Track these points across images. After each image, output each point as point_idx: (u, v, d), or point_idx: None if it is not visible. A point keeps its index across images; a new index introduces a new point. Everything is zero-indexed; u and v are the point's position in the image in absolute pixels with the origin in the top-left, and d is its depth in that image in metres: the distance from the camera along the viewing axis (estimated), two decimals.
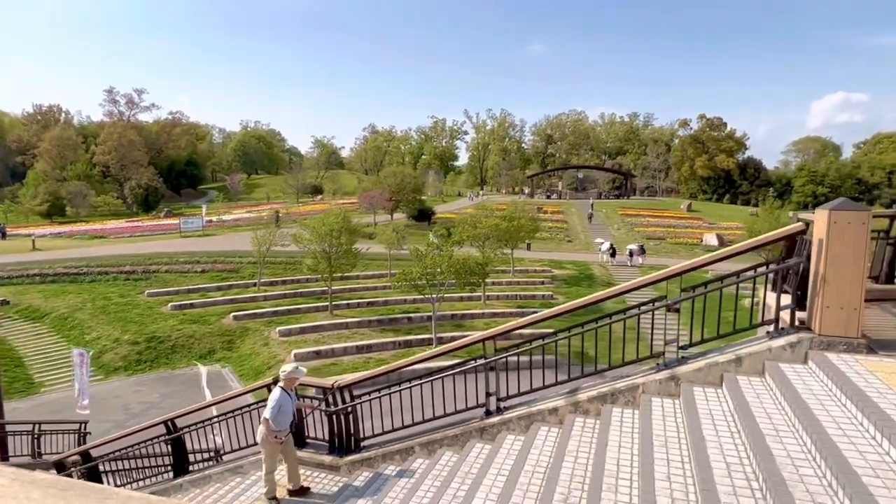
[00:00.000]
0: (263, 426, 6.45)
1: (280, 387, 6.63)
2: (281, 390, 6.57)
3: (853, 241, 4.89)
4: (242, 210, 65.23)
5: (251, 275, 32.16)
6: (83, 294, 28.67)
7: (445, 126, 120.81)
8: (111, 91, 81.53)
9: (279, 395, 6.52)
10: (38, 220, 61.24)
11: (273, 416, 6.39)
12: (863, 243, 4.89)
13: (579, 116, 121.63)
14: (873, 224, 6.72)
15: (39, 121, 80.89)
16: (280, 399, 6.49)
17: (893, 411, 3.74)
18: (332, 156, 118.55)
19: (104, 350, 23.19)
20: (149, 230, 50.33)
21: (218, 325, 25.81)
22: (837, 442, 3.61)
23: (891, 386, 4.18)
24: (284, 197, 79.76)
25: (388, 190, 50.03)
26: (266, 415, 6.44)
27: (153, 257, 35.34)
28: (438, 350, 7.09)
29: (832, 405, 4.16)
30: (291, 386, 6.71)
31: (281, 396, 6.51)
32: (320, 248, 25.56)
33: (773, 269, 5.44)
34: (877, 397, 4.00)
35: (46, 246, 42.07)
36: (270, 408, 6.44)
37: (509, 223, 28.77)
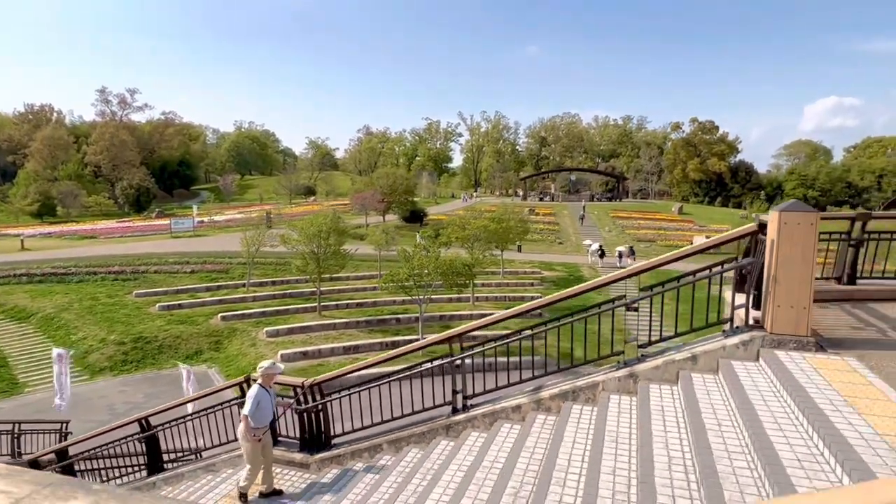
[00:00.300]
0: (242, 423, 6.46)
1: (258, 384, 6.66)
2: (259, 387, 6.59)
3: (802, 241, 4.99)
4: (235, 211, 65.10)
5: (241, 275, 32.10)
6: (70, 294, 28.54)
7: (440, 128, 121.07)
8: (103, 91, 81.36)
9: (257, 391, 6.54)
10: (29, 220, 60.89)
11: (251, 413, 6.41)
12: (811, 244, 4.99)
13: (573, 119, 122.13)
14: (841, 226, 6.86)
15: (31, 120, 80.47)
16: (258, 395, 6.51)
17: (827, 406, 3.85)
18: (325, 157, 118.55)
19: (90, 350, 23.10)
20: (139, 231, 50.15)
21: (206, 326, 25.75)
22: (772, 436, 3.71)
23: (830, 382, 4.29)
24: (277, 198, 79.63)
25: (380, 191, 50.10)
26: (245, 411, 6.45)
27: (142, 258, 35.23)
28: (402, 350, 7.15)
29: (774, 401, 4.27)
30: (269, 382, 6.73)
31: (259, 393, 6.53)
32: (308, 249, 25.56)
33: (727, 268, 5.55)
34: (815, 393, 4.10)
35: (35, 246, 41.87)
36: (249, 404, 6.46)
37: (497, 225, 28.89)
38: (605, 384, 5.83)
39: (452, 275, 21.98)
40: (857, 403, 3.89)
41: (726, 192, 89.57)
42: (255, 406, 6.44)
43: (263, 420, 6.55)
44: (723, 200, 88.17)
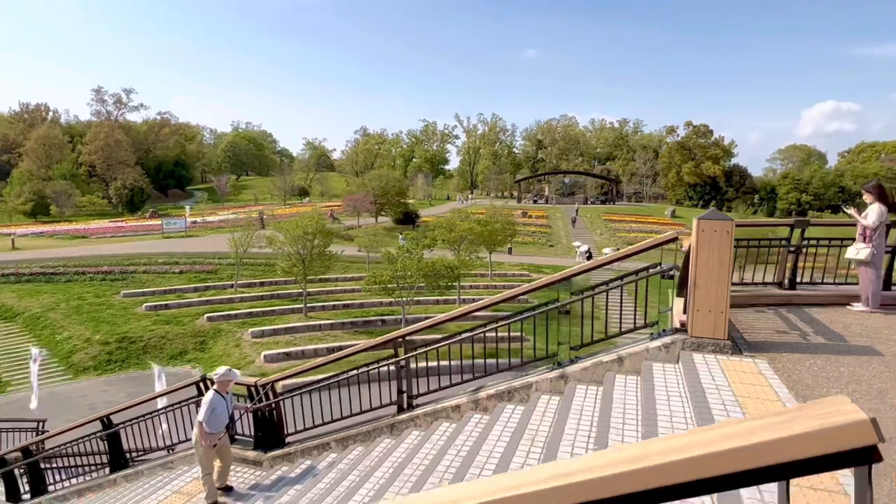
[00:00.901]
0: (196, 429, 6.59)
1: (214, 389, 6.80)
2: (214, 393, 6.73)
3: (718, 248, 5.20)
4: (228, 211, 65.16)
5: (229, 276, 32.25)
6: (58, 294, 28.67)
7: (436, 130, 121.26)
8: (99, 91, 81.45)
9: (212, 397, 6.67)
10: (22, 219, 60.96)
11: (205, 419, 6.54)
12: (727, 251, 5.20)
13: (570, 122, 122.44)
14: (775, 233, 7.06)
15: (26, 119, 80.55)
16: (213, 401, 6.64)
17: (717, 405, 4.05)
18: (322, 158, 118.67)
19: (74, 350, 23.24)
20: (131, 231, 50.27)
21: (191, 326, 25.90)
22: (661, 433, 3.90)
23: (731, 383, 4.49)
24: (272, 199, 79.80)
25: (372, 193, 50.28)
26: (199, 418, 6.59)
27: (132, 258, 35.37)
28: (345, 352, 7.35)
29: (676, 401, 4.46)
30: (225, 388, 6.87)
31: (214, 399, 6.66)
32: (294, 251, 25.72)
33: (651, 272, 5.74)
34: (712, 393, 4.30)
35: (26, 245, 41.96)
36: (203, 411, 6.59)
37: (483, 227, 29.09)
38: (538, 385, 6.02)
39: (435, 277, 22.16)
40: (746, 403, 4.09)
41: (720, 195, 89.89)
42: (209, 412, 6.57)
43: (219, 425, 6.68)
44: (717, 204, 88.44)
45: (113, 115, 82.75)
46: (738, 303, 7.24)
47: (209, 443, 6.46)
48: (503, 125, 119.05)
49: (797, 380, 4.59)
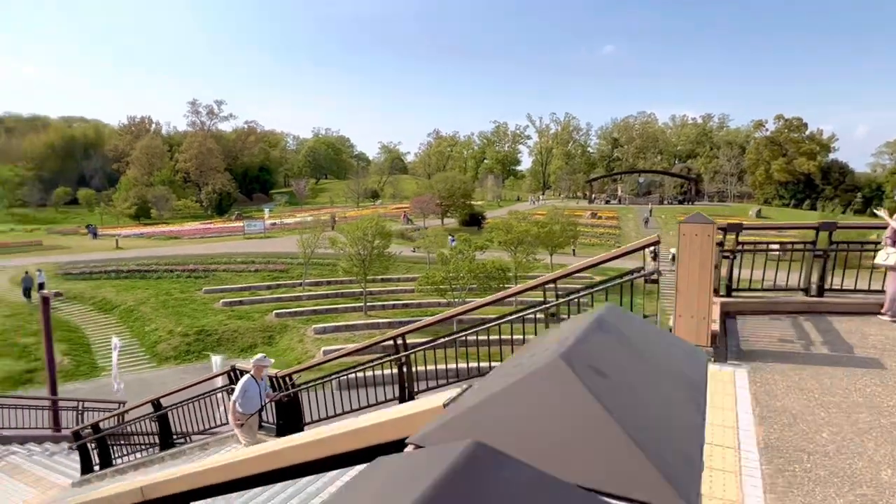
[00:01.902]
0: (230, 408, 7.34)
1: (250, 374, 7.51)
2: (249, 377, 7.45)
3: (700, 252, 5.08)
4: (305, 214, 68.61)
5: (299, 275, 34.07)
6: (149, 289, 31.63)
7: (508, 130, 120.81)
8: (194, 103, 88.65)
9: (245, 381, 7.39)
10: (128, 221, 67.57)
11: (237, 400, 7.25)
12: (709, 255, 5.07)
13: (648, 119, 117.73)
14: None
15: (132, 131, 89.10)
16: (245, 385, 7.35)
17: None
18: (395, 161, 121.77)
19: (159, 340, 25.61)
20: (217, 232, 54.30)
21: (261, 322, 27.68)
22: None
23: None
24: (346, 201, 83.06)
25: (439, 195, 51.10)
26: (232, 398, 7.33)
27: (215, 257, 38.23)
28: (358, 346, 7.74)
29: None
30: (259, 374, 7.56)
31: (246, 383, 7.38)
32: (354, 251, 26.79)
33: (634, 277, 5.67)
34: None
35: (128, 245, 46.53)
36: (236, 392, 7.33)
37: (541, 229, 28.82)
38: None
39: (487, 278, 22.30)
40: None
41: (816, 194, 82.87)
42: (241, 394, 7.26)
43: (251, 407, 7.34)
44: (811, 203, 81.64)
45: (206, 125, 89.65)
46: (754, 309, 6.96)
47: (236, 420, 7.13)
48: (577, 124, 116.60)
49: (768, 391, 4.42)
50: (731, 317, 6.70)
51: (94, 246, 47.37)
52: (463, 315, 7.46)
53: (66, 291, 31.25)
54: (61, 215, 76.88)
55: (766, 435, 3.64)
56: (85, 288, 32.02)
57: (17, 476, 11.76)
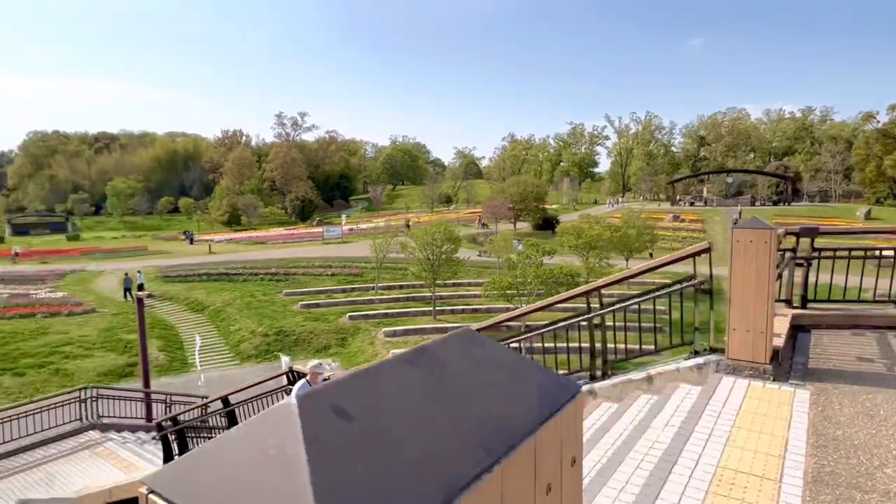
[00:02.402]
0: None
1: (305, 380, 7.80)
2: (304, 382, 7.73)
3: (755, 260, 4.67)
4: (381, 219, 70.56)
5: (372, 279, 35.04)
6: (235, 291, 33.77)
7: (584, 132, 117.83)
8: (280, 115, 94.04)
9: (300, 385, 7.67)
10: (221, 227, 72.70)
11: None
12: (766, 264, 4.64)
13: (739, 114, 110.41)
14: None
15: (226, 144, 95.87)
16: (300, 390, 7.65)
17: (701, 433, 3.69)
18: (470, 166, 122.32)
19: (242, 340, 27.26)
20: (299, 237, 57.06)
21: (335, 324, 28.71)
22: (625, 462, 3.67)
23: (743, 412, 4.03)
24: (421, 206, 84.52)
25: (510, 199, 50.70)
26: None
27: (295, 261, 40.16)
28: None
29: (668, 428, 4.12)
30: (315, 380, 7.80)
31: (301, 387, 7.66)
32: (423, 256, 27.14)
33: (683, 286, 5.28)
34: (707, 420, 3.92)
35: (219, 250, 50.02)
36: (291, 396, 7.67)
37: (614, 233, 27.74)
38: None
39: (554, 284, 21.78)
40: (738, 435, 3.66)
41: None
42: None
43: None
44: None
45: (290, 136, 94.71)
46: (833, 323, 6.30)
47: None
48: (659, 123, 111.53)
49: (830, 416, 3.95)
50: (804, 330, 6.08)
51: (190, 251, 51.36)
52: (513, 322, 7.31)
53: (164, 293, 34.14)
54: (165, 222, 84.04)
55: (818, 467, 3.24)
56: (180, 289, 34.77)
57: (111, 460, 12.94)
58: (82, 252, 51.22)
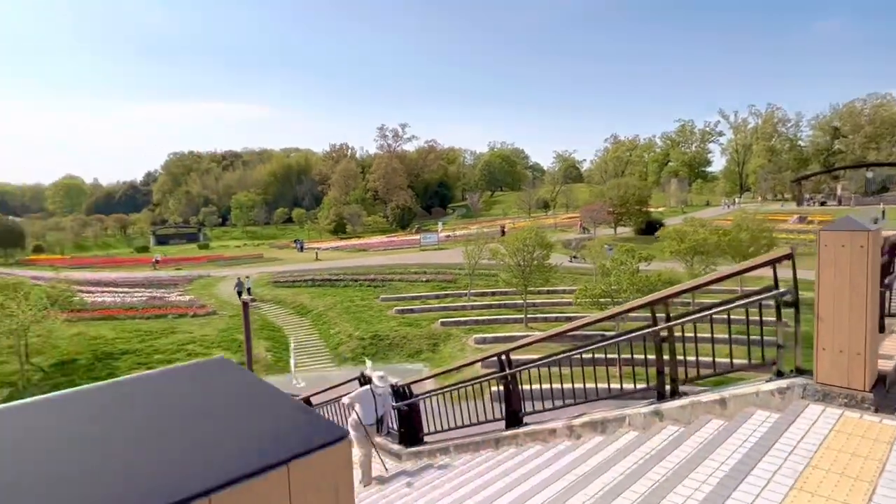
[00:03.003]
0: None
1: (369, 386, 7.95)
2: (367, 388, 7.87)
3: (848, 267, 3.97)
4: (478, 225, 70.91)
5: (465, 286, 35.21)
6: (336, 296, 35.53)
7: (695, 129, 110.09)
8: (382, 128, 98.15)
9: (362, 391, 7.81)
10: (328, 236, 77.22)
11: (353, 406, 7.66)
12: (862, 271, 3.92)
13: (882, 100, 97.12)
14: None
15: (333, 157, 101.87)
16: (360, 395, 7.76)
17: (762, 473, 3.17)
18: (569, 169, 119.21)
19: (340, 343, 28.57)
20: (398, 244, 58.95)
21: (428, 329, 29.16)
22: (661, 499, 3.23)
23: (825, 448, 3.42)
24: (518, 212, 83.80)
25: (610, 202, 48.62)
26: (345, 400, 7.86)
27: (392, 268, 41.47)
28: (464, 361, 7.59)
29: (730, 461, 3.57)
30: (378, 389, 7.89)
31: (362, 393, 7.77)
32: (514, 262, 26.76)
33: (763, 297, 4.61)
34: (775, 456, 3.37)
35: (325, 257, 53.05)
36: (348, 399, 7.82)
37: (722, 237, 25.43)
38: (631, 419, 5.37)
39: (650, 292, 20.37)
40: (811, 476, 3.09)
41: None
42: (357, 401, 7.65)
43: (368, 418, 7.63)
44: None
45: (392, 147, 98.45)
46: None
47: (355, 422, 7.45)
48: (783, 115, 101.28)
49: None
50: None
51: (300, 258, 55.01)
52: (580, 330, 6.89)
53: (273, 297, 36.81)
54: (280, 232, 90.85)
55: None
56: (287, 294, 37.29)
57: None
58: (209, 259, 56.87)
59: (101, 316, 31.19)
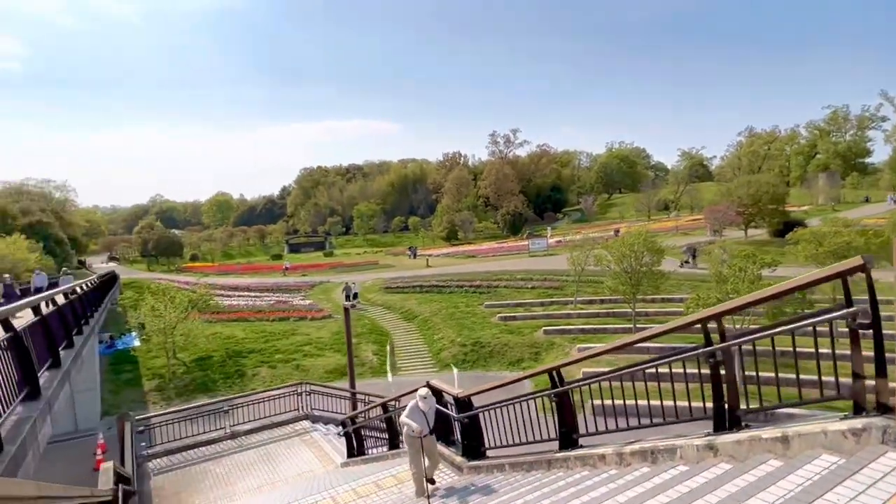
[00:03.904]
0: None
1: (416, 402, 7.77)
2: (415, 404, 7.71)
3: None
4: (591, 230, 68.24)
5: (572, 293, 34.04)
6: (442, 302, 36.17)
7: (849, 115, 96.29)
8: (493, 134, 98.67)
9: (412, 405, 7.70)
10: (441, 243, 79.00)
11: (405, 419, 7.61)
12: None
13: None
14: None
15: (447, 166, 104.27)
16: (411, 408, 7.66)
17: None
18: (695, 168, 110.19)
19: (443, 348, 28.99)
20: (507, 250, 58.66)
21: (530, 337, 28.60)
22: None
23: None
24: (637, 215, 79.36)
25: (739, 202, 44.18)
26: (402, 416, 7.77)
27: (499, 274, 41.31)
28: (522, 374, 7.21)
29: None
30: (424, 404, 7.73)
31: (412, 405, 7.67)
32: (620, 269, 25.32)
33: (819, 319, 3.82)
34: None
35: (435, 263, 54.33)
36: (404, 413, 7.72)
37: (871, 239, 21.80)
38: (683, 451, 4.75)
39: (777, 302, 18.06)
40: None
41: None
42: (408, 414, 7.55)
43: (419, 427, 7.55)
44: None
45: (504, 153, 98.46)
46: None
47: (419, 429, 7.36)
48: None
49: None
50: None
51: (412, 264, 56.92)
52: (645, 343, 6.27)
53: (384, 302, 38.43)
54: (397, 239, 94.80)
55: None
56: (396, 299, 38.69)
57: (313, 448, 14.90)
58: (330, 266, 60.94)
59: (235, 318, 34.73)
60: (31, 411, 7.12)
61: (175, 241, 76.21)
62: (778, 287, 4.30)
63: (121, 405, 23.58)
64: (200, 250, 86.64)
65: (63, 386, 9.75)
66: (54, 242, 51.79)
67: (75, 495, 4.96)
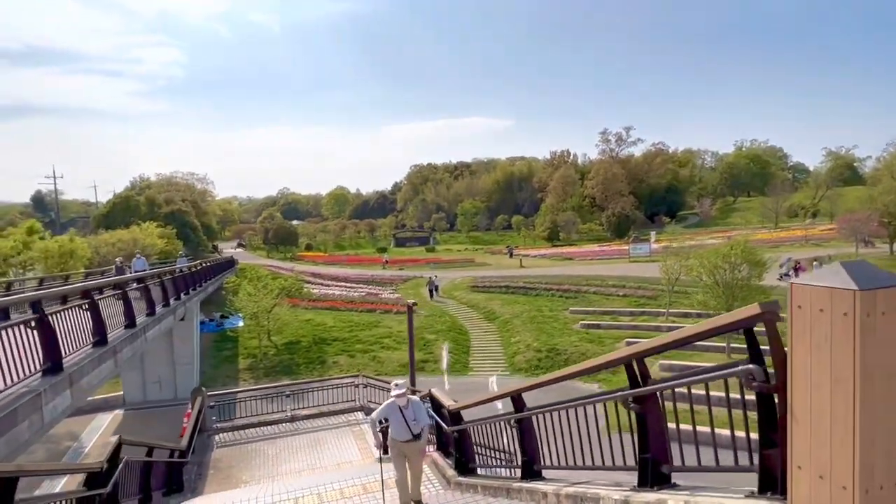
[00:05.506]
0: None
1: (392, 400, 7.33)
2: (391, 402, 7.18)
3: (828, 348, 2.47)
4: (706, 236, 62.91)
5: (665, 304, 31.70)
6: (526, 305, 35.47)
7: None
8: (604, 132, 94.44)
9: (384, 407, 7.18)
10: (542, 243, 77.40)
11: (374, 419, 7.27)
12: (848, 355, 2.40)
13: None
14: None
15: (554, 164, 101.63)
16: (385, 408, 7.20)
17: None
18: (842, 170, 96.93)
19: (518, 352, 28.43)
20: (607, 254, 56.01)
21: (610, 348, 27.04)
22: None
23: None
24: (763, 221, 71.84)
25: (884, 210, 38.23)
26: (371, 416, 7.42)
27: (590, 279, 39.58)
28: (482, 397, 6.82)
29: None
30: (401, 402, 7.29)
31: (387, 405, 7.34)
32: (711, 281, 23.10)
33: (714, 375, 3.15)
34: None
35: (529, 264, 53.38)
36: (376, 412, 7.26)
37: None
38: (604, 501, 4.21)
39: None
40: None
41: None
42: (379, 415, 7.21)
43: (400, 433, 7.20)
44: None
45: (615, 151, 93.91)
46: None
47: (377, 442, 7.14)
48: None
49: None
50: None
51: (506, 264, 56.46)
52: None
53: (468, 301, 38.62)
54: (499, 238, 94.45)
55: None
56: (481, 299, 38.62)
57: (358, 440, 15.40)
58: (427, 262, 62.32)
59: (328, 306, 36.84)
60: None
61: (291, 230, 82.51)
62: (682, 332, 3.67)
63: (217, 379, 26.12)
64: (315, 240, 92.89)
65: (133, 342, 12.68)
66: (190, 229, 58.45)
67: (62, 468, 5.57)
